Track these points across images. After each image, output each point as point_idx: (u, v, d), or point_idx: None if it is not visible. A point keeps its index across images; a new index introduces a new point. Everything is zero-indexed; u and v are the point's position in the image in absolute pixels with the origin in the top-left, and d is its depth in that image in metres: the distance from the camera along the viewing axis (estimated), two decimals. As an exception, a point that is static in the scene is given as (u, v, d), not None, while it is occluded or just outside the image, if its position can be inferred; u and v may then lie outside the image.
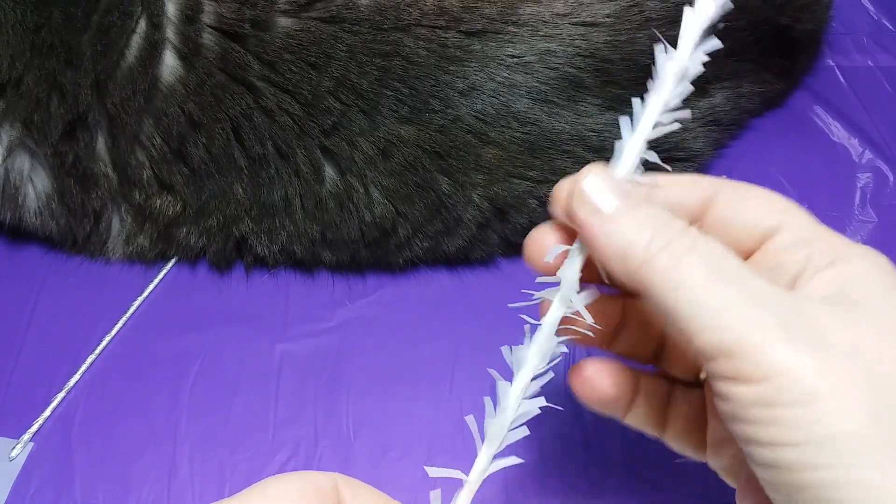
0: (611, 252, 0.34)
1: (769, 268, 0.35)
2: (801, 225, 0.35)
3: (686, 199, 0.37)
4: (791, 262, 0.34)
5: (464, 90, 0.58)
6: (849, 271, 0.32)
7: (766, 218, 0.36)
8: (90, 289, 0.66)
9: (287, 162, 0.60)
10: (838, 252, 0.33)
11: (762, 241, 0.36)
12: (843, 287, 0.32)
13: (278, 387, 0.61)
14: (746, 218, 0.36)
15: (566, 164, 0.61)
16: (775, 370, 0.29)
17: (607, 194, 0.34)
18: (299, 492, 0.35)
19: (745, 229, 0.36)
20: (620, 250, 0.33)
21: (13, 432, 0.59)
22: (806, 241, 0.34)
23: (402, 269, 0.66)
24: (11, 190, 0.62)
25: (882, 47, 0.81)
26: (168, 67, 0.59)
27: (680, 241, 0.32)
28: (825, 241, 0.34)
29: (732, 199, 0.37)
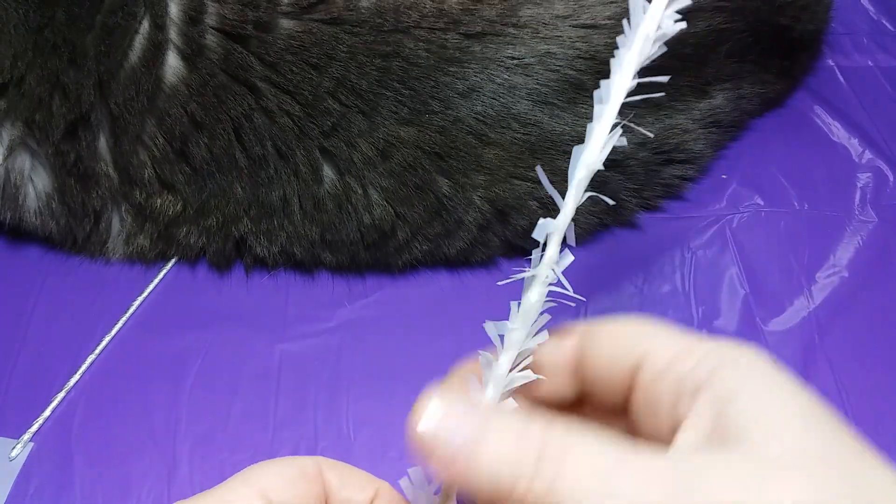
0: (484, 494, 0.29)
1: (649, 403, 0.32)
2: (663, 346, 0.32)
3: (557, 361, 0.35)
4: (664, 392, 0.31)
5: (464, 91, 0.58)
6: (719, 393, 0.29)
7: (627, 351, 0.33)
8: (90, 289, 0.66)
9: (286, 162, 0.60)
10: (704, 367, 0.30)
11: (634, 375, 0.33)
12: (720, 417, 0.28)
13: (278, 387, 0.61)
14: (610, 357, 0.33)
15: (567, 165, 0.60)
16: None
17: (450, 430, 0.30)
18: (284, 476, 0.35)
19: (615, 369, 0.33)
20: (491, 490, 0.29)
21: (13, 432, 0.59)
22: (670, 365, 0.31)
23: (402, 270, 0.66)
24: (12, 189, 0.62)
25: (882, 47, 0.81)
26: (171, 68, 0.59)
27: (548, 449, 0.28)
28: (689, 358, 0.31)
29: (595, 342, 0.34)
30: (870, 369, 0.61)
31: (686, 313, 0.64)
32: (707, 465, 0.27)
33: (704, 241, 0.68)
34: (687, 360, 0.31)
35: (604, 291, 0.65)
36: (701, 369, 0.30)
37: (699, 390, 0.30)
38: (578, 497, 0.27)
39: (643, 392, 0.32)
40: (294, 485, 0.35)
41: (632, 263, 0.67)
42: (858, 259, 0.67)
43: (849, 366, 0.61)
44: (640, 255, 0.67)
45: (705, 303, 0.64)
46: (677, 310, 0.64)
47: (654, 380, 0.32)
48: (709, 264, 0.66)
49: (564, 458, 0.28)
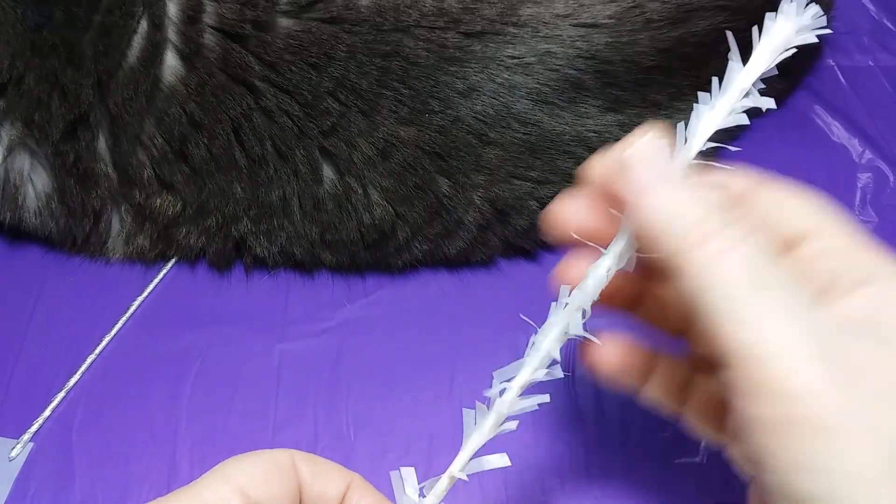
0: (650, 225, 0.32)
1: (800, 273, 0.33)
2: (834, 233, 0.34)
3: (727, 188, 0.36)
4: (821, 271, 0.33)
5: (464, 91, 0.58)
6: (880, 296, 0.31)
7: (799, 221, 0.34)
8: (90, 289, 0.66)
9: (286, 162, 0.60)
10: (869, 270, 0.32)
11: (794, 245, 0.34)
12: (875, 314, 0.31)
13: (278, 387, 0.61)
14: (780, 218, 0.35)
15: (567, 165, 0.61)
16: (802, 395, 0.28)
17: (660, 163, 0.32)
18: (260, 471, 0.35)
19: (779, 230, 0.35)
20: (662, 226, 0.31)
21: (13, 432, 0.59)
22: (838, 251, 0.33)
23: (402, 270, 0.66)
24: (11, 190, 0.62)
25: (883, 47, 0.81)
26: (169, 68, 0.59)
27: (726, 233, 0.31)
28: (857, 254, 0.33)
29: (770, 198, 0.35)
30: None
31: (687, 313, 0.64)
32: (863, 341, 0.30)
33: (705, 241, 0.68)
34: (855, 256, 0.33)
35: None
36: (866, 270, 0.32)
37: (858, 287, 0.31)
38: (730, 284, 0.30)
39: (799, 262, 0.34)
40: (270, 479, 0.35)
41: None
42: (859, 259, 0.67)
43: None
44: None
45: (706, 302, 0.64)
46: (678, 309, 0.64)
47: (817, 257, 0.33)
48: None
49: (736, 247, 0.30)
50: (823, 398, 0.28)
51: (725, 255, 0.30)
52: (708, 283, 0.30)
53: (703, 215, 0.31)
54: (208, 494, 0.34)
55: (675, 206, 0.32)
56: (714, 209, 0.31)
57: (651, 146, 0.33)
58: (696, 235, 0.31)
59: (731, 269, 0.30)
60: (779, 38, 0.35)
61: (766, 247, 0.31)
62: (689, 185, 0.32)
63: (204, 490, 0.34)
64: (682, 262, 0.31)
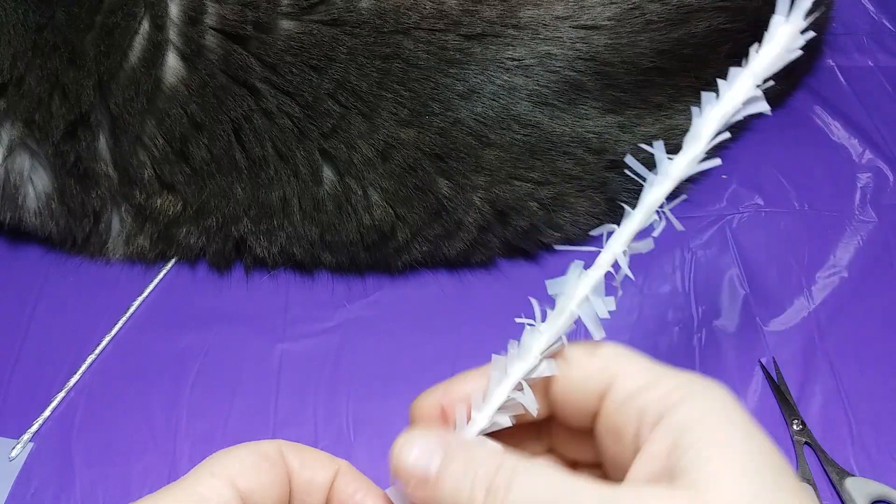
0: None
1: (612, 430, 0.33)
2: (631, 374, 0.33)
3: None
4: (627, 419, 0.32)
5: (464, 93, 0.58)
6: (676, 426, 0.30)
7: (596, 375, 0.34)
8: (90, 289, 0.66)
9: (286, 163, 0.60)
10: (665, 400, 0.31)
11: (600, 401, 0.34)
12: (672, 452, 0.30)
13: (278, 387, 0.61)
14: (579, 382, 0.35)
15: (567, 166, 0.61)
16: None
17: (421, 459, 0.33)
18: (249, 462, 0.35)
19: (584, 392, 0.35)
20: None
21: (13, 432, 0.59)
22: (636, 392, 0.33)
23: (402, 271, 0.66)
24: (11, 190, 0.62)
25: (882, 47, 0.81)
26: (171, 68, 0.59)
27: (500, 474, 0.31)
28: (653, 388, 0.32)
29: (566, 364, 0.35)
30: (870, 369, 0.61)
31: (686, 313, 0.64)
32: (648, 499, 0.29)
33: (704, 241, 0.68)
34: (652, 391, 0.32)
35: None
36: (664, 401, 0.31)
37: (658, 422, 0.31)
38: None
39: (608, 418, 0.34)
40: (259, 470, 0.35)
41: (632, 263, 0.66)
42: (858, 259, 0.67)
43: (849, 366, 0.61)
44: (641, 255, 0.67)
45: (705, 303, 0.64)
46: (677, 310, 0.64)
47: (619, 407, 0.33)
48: (709, 264, 0.66)
49: (510, 489, 0.31)
50: None
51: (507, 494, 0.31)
52: None
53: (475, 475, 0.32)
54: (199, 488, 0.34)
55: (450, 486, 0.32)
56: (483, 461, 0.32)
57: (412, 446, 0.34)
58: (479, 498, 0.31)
59: None
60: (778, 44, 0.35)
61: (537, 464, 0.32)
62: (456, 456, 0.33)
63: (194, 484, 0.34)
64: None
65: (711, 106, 0.35)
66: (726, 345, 0.62)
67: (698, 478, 0.29)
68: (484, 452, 0.33)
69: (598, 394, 0.34)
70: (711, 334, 0.63)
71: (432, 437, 0.34)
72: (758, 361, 0.61)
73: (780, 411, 0.59)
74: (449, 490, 0.32)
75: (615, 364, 0.34)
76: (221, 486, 0.34)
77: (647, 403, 0.32)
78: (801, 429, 0.57)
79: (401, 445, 0.34)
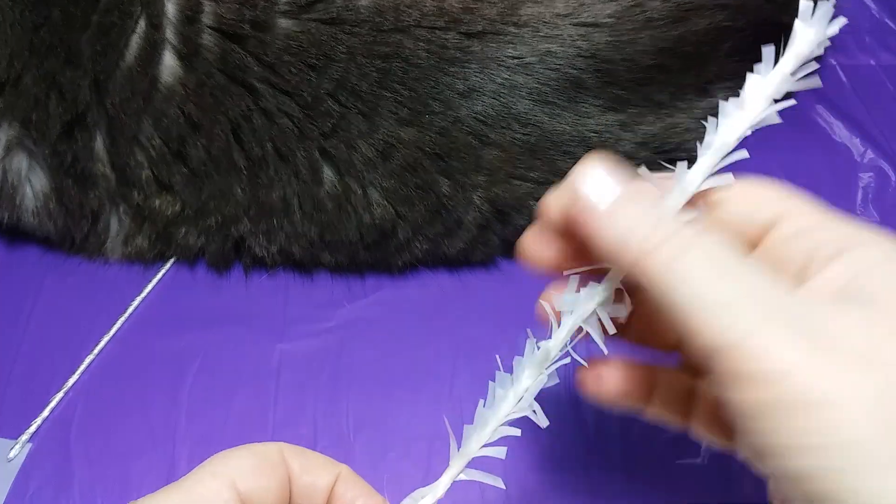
0: (606, 245, 0.33)
1: (774, 261, 0.33)
2: (804, 213, 0.34)
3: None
4: (795, 253, 0.33)
5: (464, 92, 0.58)
6: (858, 262, 0.31)
7: (765, 209, 0.34)
8: (89, 289, 0.66)
9: (286, 163, 0.60)
10: (845, 240, 0.32)
11: (764, 234, 0.34)
12: (853, 281, 0.30)
13: (278, 387, 0.61)
14: (746, 210, 0.35)
15: (567, 165, 0.60)
16: (782, 372, 0.28)
17: (606, 185, 0.33)
18: (249, 464, 0.36)
19: (748, 222, 0.35)
20: (616, 242, 0.32)
21: (12, 432, 0.59)
22: (809, 229, 0.33)
23: (402, 270, 0.66)
24: (9, 190, 0.62)
25: (884, 46, 0.81)
26: (167, 68, 0.59)
27: (681, 234, 0.31)
28: (830, 228, 0.33)
29: (732, 195, 0.35)
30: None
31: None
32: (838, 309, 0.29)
33: (705, 241, 0.67)
34: (828, 231, 0.32)
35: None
36: (841, 242, 0.32)
37: (834, 258, 0.31)
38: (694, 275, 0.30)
39: (772, 249, 0.34)
40: (260, 472, 0.35)
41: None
42: (860, 259, 0.66)
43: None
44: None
45: (706, 303, 0.64)
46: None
47: (789, 240, 0.33)
48: (710, 264, 0.66)
49: (694, 244, 0.31)
50: (804, 372, 0.28)
51: (683, 255, 0.30)
52: (671, 285, 0.30)
53: (655, 224, 0.32)
54: (199, 489, 0.34)
55: (625, 222, 0.32)
56: (665, 217, 0.32)
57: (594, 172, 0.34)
58: (650, 243, 0.31)
59: (691, 267, 0.30)
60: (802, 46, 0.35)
61: (724, 241, 0.31)
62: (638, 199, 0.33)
63: (194, 485, 0.35)
64: (644, 272, 0.31)
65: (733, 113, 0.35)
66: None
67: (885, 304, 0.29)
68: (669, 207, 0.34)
69: (765, 224, 0.34)
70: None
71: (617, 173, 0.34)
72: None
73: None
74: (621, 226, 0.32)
75: (786, 199, 0.34)
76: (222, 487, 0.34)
77: (822, 240, 0.32)
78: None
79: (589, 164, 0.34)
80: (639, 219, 0.32)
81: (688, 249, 0.31)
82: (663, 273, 0.31)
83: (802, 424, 0.28)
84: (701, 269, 0.30)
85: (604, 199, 0.33)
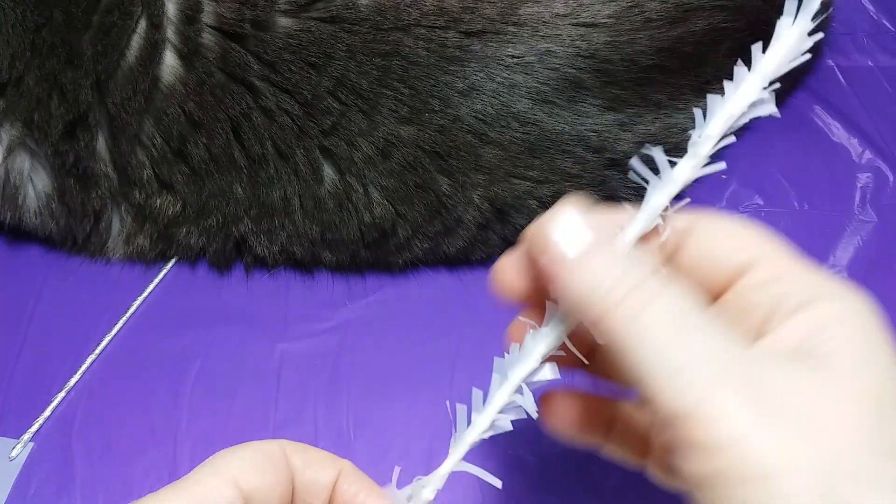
0: (573, 301, 0.32)
1: (739, 309, 0.33)
2: (776, 260, 0.33)
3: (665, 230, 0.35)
4: (761, 302, 0.32)
5: (464, 90, 0.58)
6: (818, 318, 0.30)
7: (738, 253, 0.33)
8: (90, 289, 0.66)
9: (286, 162, 0.60)
10: (811, 293, 0.31)
11: (735, 279, 0.33)
12: (810, 338, 0.30)
13: (278, 387, 0.61)
14: (719, 253, 0.34)
15: (567, 165, 0.61)
16: (731, 441, 0.27)
17: (577, 231, 0.32)
18: (251, 462, 0.35)
19: (718, 265, 0.34)
20: (582, 298, 0.31)
21: (13, 432, 0.59)
22: (776, 279, 0.32)
23: (402, 269, 0.66)
24: (11, 190, 0.62)
25: (882, 47, 0.81)
26: (168, 67, 0.59)
27: (644, 287, 0.30)
28: (799, 279, 0.32)
29: (706, 234, 0.35)
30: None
31: (686, 313, 0.64)
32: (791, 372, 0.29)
33: (705, 241, 0.68)
34: (798, 281, 0.32)
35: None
36: (808, 293, 0.31)
37: (797, 311, 0.30)
38: (651, 337, 0.29)
39: (739, 297, 0.33)
40: (262, 470, 0.35)
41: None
42: (858, 259, 0.67)
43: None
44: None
45: (706, 302, 0.64)
46: (678, 309, 0.64)
47: (756, 288, 0.32)
48: (709, 264, 0.66)
49: (655, 299, 0.30)
50: (752, 441, 0.27)
51: (642, 313, 0.30)
52: (629, 348, 0.30)
53: (619, 276, 0.31)
54: (201, 487, 0.34)
55: (590, 276, 0.31)
56: (630, 268, 0.31)
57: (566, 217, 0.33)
58: (612, 300, 0.30)
59: (648, 327, 0.29)
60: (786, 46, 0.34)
61: (686, 295, 0.30)
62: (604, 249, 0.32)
63: (196, 484, 0.34)
64: (605, 332, 0.30)
65: (718, 108, 0.35)
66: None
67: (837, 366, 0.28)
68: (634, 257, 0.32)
69: (735, 270, 0.33)
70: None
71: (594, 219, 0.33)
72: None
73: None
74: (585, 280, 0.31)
75: (760, 246, 0.33)
76: (224, 485, 0.34)
77: (787, 292, 0.31)
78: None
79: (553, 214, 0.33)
80: (604, 272, 0.31)
81: (647, 306, 0.30)
82: (622, 334, 0.30)
83: (750, 497, 0.27)
84: (658, 330, 0.29)
85: (573, 248, 0.32)
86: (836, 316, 0.30)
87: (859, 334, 0.30)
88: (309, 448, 0.38)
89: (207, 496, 0.34)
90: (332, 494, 0.37)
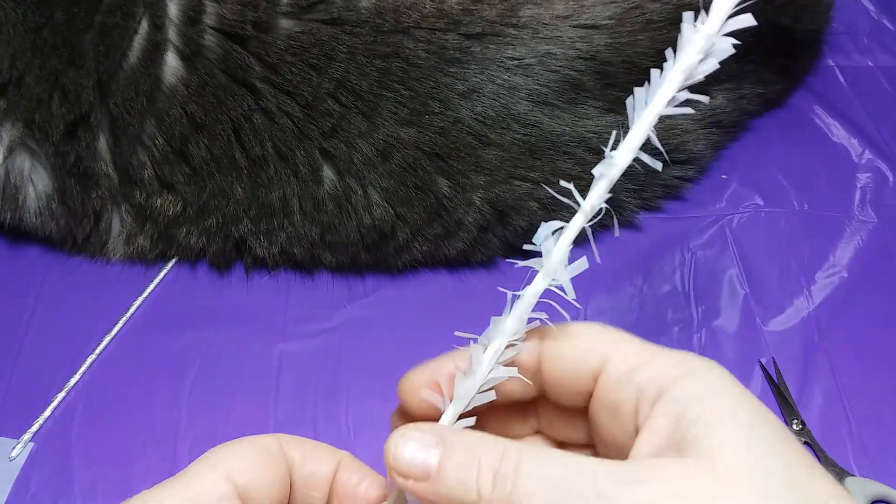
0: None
1: (610, 408, 0.33)
2: (622, 354, 0.33)
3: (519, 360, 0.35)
4: (624, 398, 0.32)
5: (464, 92, 0.58)
6: (678, 403, 0.30)
7: (589, 355, 0.34)
8: (90, 289, 0.66)
9: (286, 163, 0.60)
10: (664, 378, 0.31)
11: (594, 380, 0.34)
12: (678, 426, 0.30)
13: (278, 387, 0.61)
14: (572, 361, 0.34)
15: (567, 166, 0.61)
16: None
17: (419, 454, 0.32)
18: (247, 457, 0.35)
19: (576, 372, 0.34)
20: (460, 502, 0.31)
21: (13, 432, 0.59)
22: (630, 372, 0.32)
23: (402, 270, 0.66)
24: (12, 190, 0.62)
25: (882, 47, 0.81)
26: (170, 68, 0.59)
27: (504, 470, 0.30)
28: (650, 367, 0.32)
29: (555, 345, 0.35)
30: (870, 369, 0.61)
31: (686, 313, 0.64)
32: (661, 469, 0.29)
33: (704, 241, 0.68)
34: (649, 369, 0.32)
35: (604, 291, 0.65)
36: (662, 378, 0.31)
37: (657, 399, 0.31)
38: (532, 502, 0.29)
39: (604, 396, 0.33)
40: (258, 464, 0.35)
41: (632, 263, 0.67)
42: (858, 259, 0.67)
43: (849, 366, 0.61)
44: (640, 255, 0.67)
45: (705, 303, 0.64)
46: (677, 310, 0.64)
47: (616, 385, 0.33)
48: (709, 264, 0.66)
49: (518, 473, 0.30)
50: None
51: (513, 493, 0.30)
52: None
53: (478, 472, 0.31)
54: (196, 483, 0.34)
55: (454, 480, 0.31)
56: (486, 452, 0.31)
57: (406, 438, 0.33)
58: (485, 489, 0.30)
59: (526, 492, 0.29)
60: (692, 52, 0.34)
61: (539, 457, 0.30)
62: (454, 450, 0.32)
63: (191, 479, 0.34)
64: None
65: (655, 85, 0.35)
66: (726, 345, 0.62)
67: (708, 446, 0.28)
68: (484, 440, 0.32)
69: (592, 373, 0.34)
70: (711, 334, 0.63)
71: (428, 430, 0.33)
72: (757, 361, 0.61)
73: (780, 411, 0.59)
74: (453, 482, 0.31)
75: (607, 344, 0.34)
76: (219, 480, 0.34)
77: (645, 381, 0.32)
78: (800, 429, 0.57)
79: (396, 441, 0.32)
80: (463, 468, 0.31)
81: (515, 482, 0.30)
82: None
83: None
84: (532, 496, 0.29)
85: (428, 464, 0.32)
86: (692, 395, 0.30)
87: (719, 407, 0.30)
88: (306, 441, 0.37)
89: (202, 492, 0.34)
90: (333, 486, 0.37)
